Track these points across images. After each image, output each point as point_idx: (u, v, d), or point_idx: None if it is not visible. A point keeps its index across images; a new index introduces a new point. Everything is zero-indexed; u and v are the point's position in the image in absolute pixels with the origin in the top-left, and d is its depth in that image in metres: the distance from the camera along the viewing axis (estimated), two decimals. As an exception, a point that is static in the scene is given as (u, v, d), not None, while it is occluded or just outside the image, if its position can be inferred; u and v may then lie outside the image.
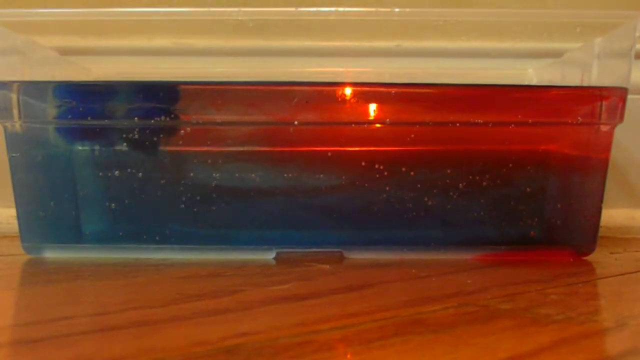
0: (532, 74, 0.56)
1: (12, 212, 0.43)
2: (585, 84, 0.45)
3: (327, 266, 0.41)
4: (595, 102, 0.42)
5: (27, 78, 0.44)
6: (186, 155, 0.43)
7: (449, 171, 0.42)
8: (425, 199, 0.42)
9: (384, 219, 0.43)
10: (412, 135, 0.42)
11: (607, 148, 0.43)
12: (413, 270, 0.39)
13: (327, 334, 0.25)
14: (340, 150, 0.43)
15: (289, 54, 0.56)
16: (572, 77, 0.49)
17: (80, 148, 0.43)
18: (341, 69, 0.55)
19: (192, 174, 0.42)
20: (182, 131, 0.42)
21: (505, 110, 0.43)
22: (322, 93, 0.42)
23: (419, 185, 0.42)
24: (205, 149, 0.43)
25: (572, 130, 0.43)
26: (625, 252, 0.48)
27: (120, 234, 0.43)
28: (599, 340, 0.25)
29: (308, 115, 0.41)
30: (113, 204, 0.42)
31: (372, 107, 0.42)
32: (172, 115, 0.42)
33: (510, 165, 0.43)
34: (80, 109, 0.41)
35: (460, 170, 0.42)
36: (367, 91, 0.42)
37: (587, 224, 0.43)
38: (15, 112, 0.41)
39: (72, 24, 0.55)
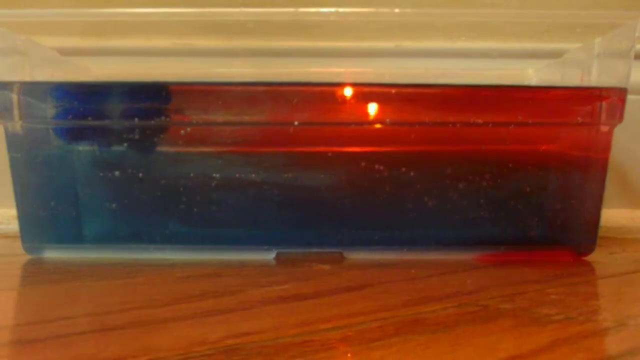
0: (532, 74, 0.56)
1: (13, 212, 0.43)
2: (585, 84, 0.45)
3: (327, 266, 0.41)
4: (595, 103, 0.42)
5: (27, 78, 0.44)
6: (186, 155, 0.43)
7: (449, 171, 0.42)
8: (425, 199, 0.43)
9: (384, 219, 0.43)
10: (412, 136, 0.42)
11: (607, 148, 0.43)
12: (413, 270, 0.39)
13: (327, 334, 0.25)
14: (340, 150, 0.43)
15: (289, 54, 0.56)
16: (572, 78, 0.49)
17: (80, 148, 0.43)
18: (341, 70, 0.55)
19: (192, 174, 0.42)
20: (182, 131, 0.42)
21: (505, 110, 0.43)
22: (322, 93, 0.42)
23: (419, 185, 0.42)
24: (205, 149, 0.43)
25: (572, 131, 0.43)
26: (625, 252, 0.48)
27: (121, 234, 0.43)
28: (598, 340, 0.25)
29: (308, 116, 0.41)
30: (113, 204, 0.42)
31: (372, 108, 0.42)
32: (172, 116, 0.42)
33: (510, 165, 0.43)
34: (81, 109, 0.41)
35: (460, 170, 0.42)
36: (367, 91, 0.42)
37: (587, 224, 0.43)
38: (15, 112, 0.41)
39: (73, 24, 0.55)
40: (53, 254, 0.44)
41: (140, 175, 0.42)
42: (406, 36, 0.57)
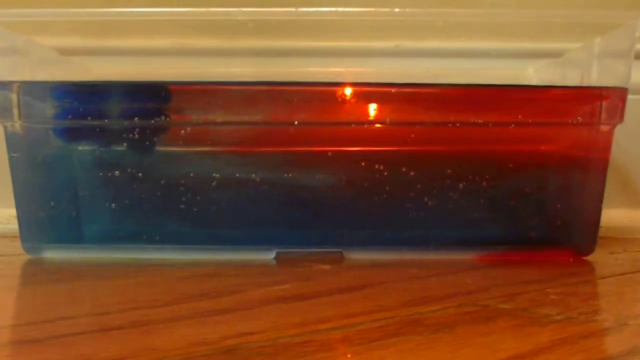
0: (532, 74, 0.56)
1: (12, 212, 0.43)
2: (585, 84, 0.45)
3: (327, 266, 0.41)
4: (595, 102, 0.42)
5: (27, 78, 0.44)
6: (186, 155, 0.43)
7: (449, 171, 0.42)
8: (425, 199, 0.42)
9: (384, 219, 0.43)
10: (412, 135, 0.42)
11: (607, 148, 0.43)
12: (413, 270, 0.39)
13: (327, 334, 0.25)
14: (340, 150, 0.43)
15: (289, 54, 0.56)
16: (572, 77, 0.49)
17: (80, 148, 0.43)
18: (341, 69, 0.55)
19: (191, 174, 0.42)
20: (182, 131, 0.42)
21: (505, 110, 0.43)
22: (322, 93, 0.42)
23: (419, 185, 0.42)
24: (205, 149, 0.43)
25: (572, 131, 0.43)
26: (625, 252, 0.48)
27: (120, 234, 0.43)
28: (599, 340, 0.25)
29: (308, 115, 0.41)
30: (113, 204, 0.42)
31: (372, 107, 0.42)
32: (172, 115, 0.42)
33: (510, 165, 0.43)
34: (80, 109, 0.41)
35: (460, 170, 0.42)
36: (367, 91, 0.42)
37: (587, 224, 0.43)
38: (15, 112, 0.41)
39: (72, 24, 0.55)
40: (53, 254, 0.43)
41: (140, 175, 0.42)
42: (406, 36, 0.57)
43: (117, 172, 0.42)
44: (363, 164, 0.42)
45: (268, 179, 0.42)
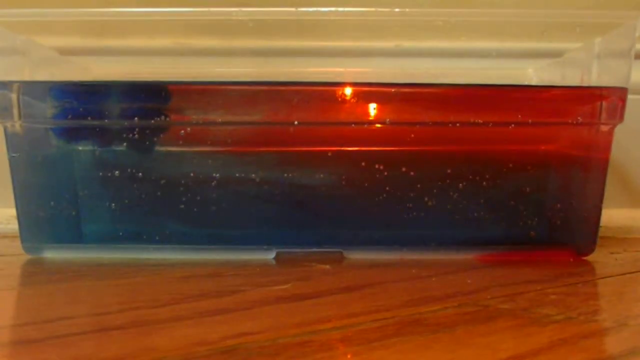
0: (532, 74, 0.56)
1: (12, 212, 0.43)
2: (585, 84, 0.45)
3: (327, 266, 0.41)
4: (595, 102, 0.42)
5: (27, 78, 0.44)
6: (186, 155, 0.43)
7: (449, 171, 0.42)
8: (425, 199, 0.42)
9: (384, 219, 0.43)
10: (412, 135, 0.42)
11: (607, 148, 0.43)
12: (413, 270, 0.39)
13: (327, 334, 0.25)
14: (340, 150, 0.43)
15: (289, 54, 0.56)
16: (572, 77, 0.49)
17: (80, 148, 0.43)
18: (341, 69, 0.55)
19: (192, 174, 0.42)
20: (182, 131, 0.42)
21: (505, 110, 0.43)
22: (322, 93, 0.42)
23: (419, 185, 0.42)
24: (205, 149, 0.43)
25: (572, 130, 0.43)
26: (625, 252, 0.48)
27: (120, 234, 0.43)
28: (599, 340, 0.25)
29: (308, 115, 0.41)
30: (113, 204, 0.42)
31: (372, 107, 0.42)
32: (172, 115, 0.42)
33: (510, 165, 0.43)
34: (80, 109, 0.41)
35: (460, 170, 0.42)
36: (367, 91, 0.42)
37: (587, 224, 0.43)
38: (15, 112, 0.41)
39: (72, 24, 0.55)
40: (53, 254, 0.44)
41: (140, 175, 0.42)
42: (406, 36, 0.57)
43: (117, 172, 0.42)
44: (363, 164, 0.42)
45: (268, 179, 0.42)
